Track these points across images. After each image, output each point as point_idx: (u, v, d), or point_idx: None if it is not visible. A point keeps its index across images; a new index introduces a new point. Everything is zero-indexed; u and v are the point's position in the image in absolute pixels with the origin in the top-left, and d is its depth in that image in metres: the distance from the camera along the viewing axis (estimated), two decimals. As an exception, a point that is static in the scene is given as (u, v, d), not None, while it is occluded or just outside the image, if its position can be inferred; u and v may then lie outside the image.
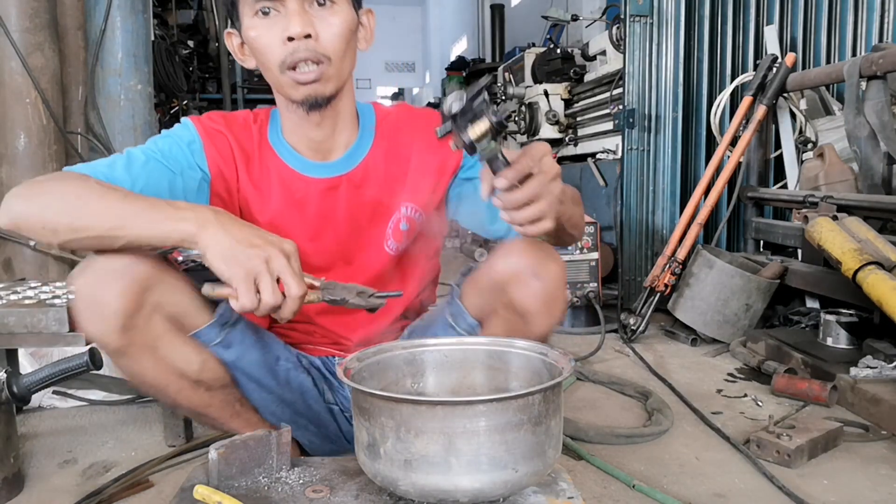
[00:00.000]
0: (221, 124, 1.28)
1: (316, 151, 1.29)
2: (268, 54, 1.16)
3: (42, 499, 1.40)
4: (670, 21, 2.95)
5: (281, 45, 1.14)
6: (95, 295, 1.05)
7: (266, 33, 1.15)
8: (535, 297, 1.13)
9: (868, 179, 2.29)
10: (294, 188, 1.29)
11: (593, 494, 1.36)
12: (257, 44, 1.16)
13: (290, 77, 1.16)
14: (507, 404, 0.85)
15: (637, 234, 3.05)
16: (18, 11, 2.65)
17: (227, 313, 1.18)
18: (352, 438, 0.95)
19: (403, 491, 0.88)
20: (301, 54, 1.14)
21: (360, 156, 1.31)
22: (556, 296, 1.15)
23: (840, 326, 2.13)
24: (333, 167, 1.30)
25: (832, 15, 3.17)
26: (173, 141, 1.24)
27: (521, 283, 1.13)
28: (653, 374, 2.15)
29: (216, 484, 0.97)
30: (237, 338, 1.20)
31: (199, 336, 1.17)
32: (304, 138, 1.28)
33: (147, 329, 1.10)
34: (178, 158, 1.23)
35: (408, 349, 1.10)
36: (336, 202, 1.30)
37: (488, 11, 10.47)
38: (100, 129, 3.16)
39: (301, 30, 1.12)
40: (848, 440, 1.60)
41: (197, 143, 1.25)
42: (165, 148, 1.23)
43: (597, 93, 3.83)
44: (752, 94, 2.78)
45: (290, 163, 1.29)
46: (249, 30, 1.16)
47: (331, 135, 1.27)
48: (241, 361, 1.22)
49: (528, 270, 1.13)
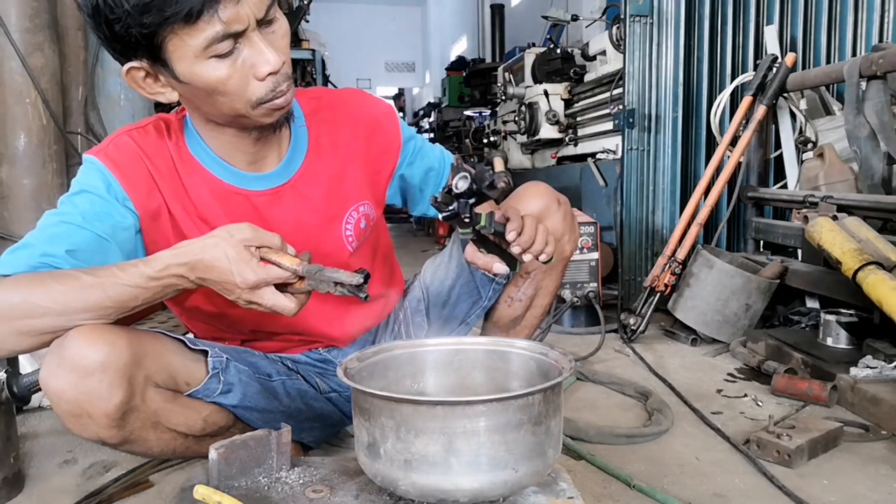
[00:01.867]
0: (131, 149, 1.15)
1: (251, 163, 1.20)
2: (239, 94, 1.03)
3: (42, 499, 1.40)
4: (670, 21, 2.95)
5: (255, 82, 1.02)
6: (83, 397, 0.98)
7: (234, 74, 1.01)
8: (563, 220, 1.36)
9: (868, 179, 2.29)
10: (233, 204, 1.19)
11: (593, 494, 1.36)
12: (224, 87, 1.01)
13: (266, 108, 1.06)
14: (507, 404, 0.85)
15: (637, 234, 3.05)
16: (18, 11, 2.65)
17: (218, 361, 1.16)
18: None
19: (403, 491, 0.88)
20: (282, 86, 1.04)
21: (299, 160, 1.25)
22: (573, 217, 1.41)
23: (840, 326, 2.13)
24: (273, 177, 1.22)
25: (832, 15, 3.17)
26: (90, 196, 1.10)
27: (551, 213, 1.34)
28: (653, 374, 2.15)
29: (216, 484, 0.97)
30: (234, 378, 1.18)
31: (199, 393, 1.15)
32: (239, 152, 1.18)
33: (145, 408, 1.06)
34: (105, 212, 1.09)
35: (408, 349, 1.10)
36: (283, 213, 1.23)
37: (488, 11, 10.46)
38: (100, 129, 3.16)
39: (279, 60, 1.01)
40: (848, 440, 1.60)
41: (114, 185, 1.12)
42: (87, 206, 1.09)
43: (597, 93, 3.83)
44: (752, 94, 2.78)
45: (223, 177, 1.19)
46: (205, 72, 1.00)
47: (265, 144, 1.19)
48: (244, 400, 1.20)
49: (553, 204, 1.35)
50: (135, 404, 1.04)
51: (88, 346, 0.97)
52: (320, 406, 1.38)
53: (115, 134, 1.18)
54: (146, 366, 1.05)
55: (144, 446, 1.11)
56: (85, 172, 1.13)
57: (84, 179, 1.12)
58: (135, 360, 1.02)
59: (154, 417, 1.09)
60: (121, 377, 1.00)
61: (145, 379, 1.05)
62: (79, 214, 1.08)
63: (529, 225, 1.11)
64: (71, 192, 1.12)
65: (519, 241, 1.09)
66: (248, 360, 1.27)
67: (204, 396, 1.16)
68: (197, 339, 1.18)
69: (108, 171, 1.12)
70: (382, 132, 1.33)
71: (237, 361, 1.21)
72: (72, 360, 0.97)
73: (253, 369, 1.25)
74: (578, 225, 1.47)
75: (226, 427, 1.22)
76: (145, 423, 1.08)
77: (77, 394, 0.98)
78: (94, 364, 0.97)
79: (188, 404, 1.15)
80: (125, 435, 1.05)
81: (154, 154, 1.16)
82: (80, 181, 1.13)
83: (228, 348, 1.25)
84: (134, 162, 1.14)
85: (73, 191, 1.12)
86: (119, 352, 1.00)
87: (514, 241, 1.09)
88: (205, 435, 1.18)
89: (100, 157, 1.13)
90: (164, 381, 1.10)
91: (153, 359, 1.07)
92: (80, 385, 0.97)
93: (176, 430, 1.14)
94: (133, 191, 1.13)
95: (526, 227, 1.10)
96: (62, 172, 2.90)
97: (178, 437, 1.15)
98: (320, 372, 1.41)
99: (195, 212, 1.19)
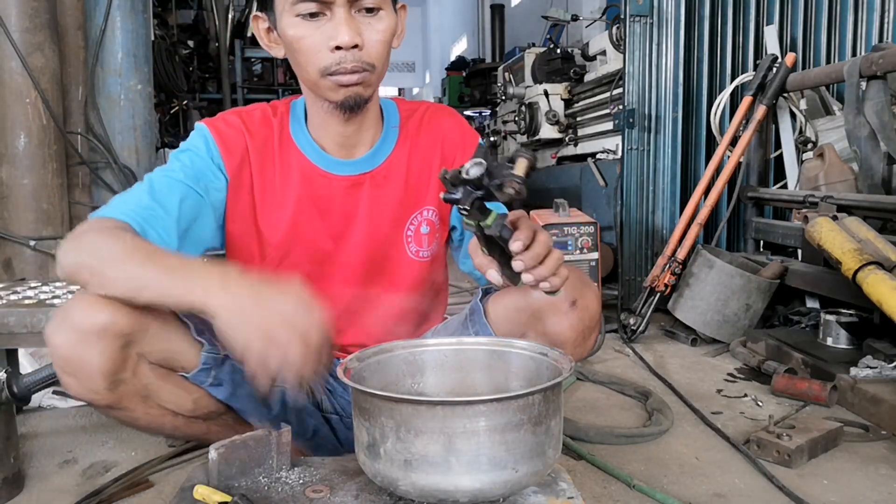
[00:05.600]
0: (236, 123, 1.26)
1: (341, 147, 1.26)
2: (310, 58, 1.12)
3: (42, 499, 1.40)
4: (670, 21, 2.95)
5: (326, 51, 1.10)
6: (76, 357, 1.01)
7: (310, 37, 1.11)
8: (572, 328, 1.12)
9: (868, 179, 2.29)
10: (316, 185, 1.26)
11: (593, 494, 1.36)
12: (298, 45, 1.12)
13: (332, 81, 1.13)
14: (507, 404, 0.85)
15: (637, 234, 3.05)
16: (18, 11, 2.66)
17: (211, 358, 1.15)
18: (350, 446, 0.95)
19: (403, 491, 0.88)
20: (348, 65, 1.11)
21: (385, 154, 1.29)
22: (593, 326, 1.15)
23: (840, 326, 2.13)
24: (357, 164, 1.28)
25: (832, 15, 3.17)
26: (193, 154, 1.22)
27: (559, 312, 1.11)
28: (653, 374, 2.15)
29: (216, 484, 0.97)
30: (226, 376, 1.18)
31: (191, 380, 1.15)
32: (330, 133, 1.25)
33: (134, 381, 1.07)
34: (203, 171, 1.20)
35: (408, 349, 1.10)
36: (358, 201, 1.28)
37: (488, 11, 10.47)
38: (100, 129, 3.16)
39: (350, 40, 1.09)
40: (848, 440, 1.60)
41: (213, 147, 1.23)
42: (188, 163, 1.20)
43: (597, 93, 3.83)
44: (752, 94, 2.78)
45: (313, 159, 1.26)
46: (289, 28, 1.12)
47: (358, 130, 1.25)
48: (234, 398, 1.19)
49: (567, 300, 1.10)
50: (125, 376, 1.05)
51: (93, 309, 1.00)
52: (314, 425, 1.35)
53: (225, 112, 1.30)
54: (145, 341, 1.06)
55: (131, 416, 1.12)
56: (193, 136, 1.25)
57: (190, 141, 1.24)
58: (133, 333, 1.03)
59: (144, 391, 1.10)
60: (114, 347, 1.01)
61: (140, 354, 1.07)
62: (181, 170, 1.18)
63: (541, 243, 0.96)
64: (179, 149, 1.24)
65: (523, 256, 0.95)
66: None
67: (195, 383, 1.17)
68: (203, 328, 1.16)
69: (211, 135, 1.23)
70: (461, 152, 1.34)
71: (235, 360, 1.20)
72: (74, 319, 1.00)
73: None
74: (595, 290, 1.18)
75: (217, 413, 1.21)
76: (134, 395, 1.09)
77: (71, 353, 1.01)
78: (93, 328, 1.00)
79: (180, 384, 1.15)
80: (112, 401, 1.06)
81: (256, 132, 1.26)
82: (187, 143, 1.24)
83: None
84: (236, 134, 1.24)
85: (180, 149, 1.24)
86: (119, 322, 1.01)
87: (517, 252, 0.96)
88: (196, 417, 1.18)
89: (207, 124, 1.25)
90: (160, 360, 1.11)
91: (154, 336, 1.08)
92: (76, 346, 1.00)
93: (165, 406, 1.14)
94: (228, 157, 1.23)
95: (536, 244, 0.96)
96: (62, 172, 2.90)
97: (166, 413, 1.15)
98: (331, 389, 1.38)
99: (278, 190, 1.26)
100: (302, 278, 1.08)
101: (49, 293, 1.67)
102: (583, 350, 1.16)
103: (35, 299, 1.60)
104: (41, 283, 1.84)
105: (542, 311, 1.13)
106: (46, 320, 1.49)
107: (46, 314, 1.50)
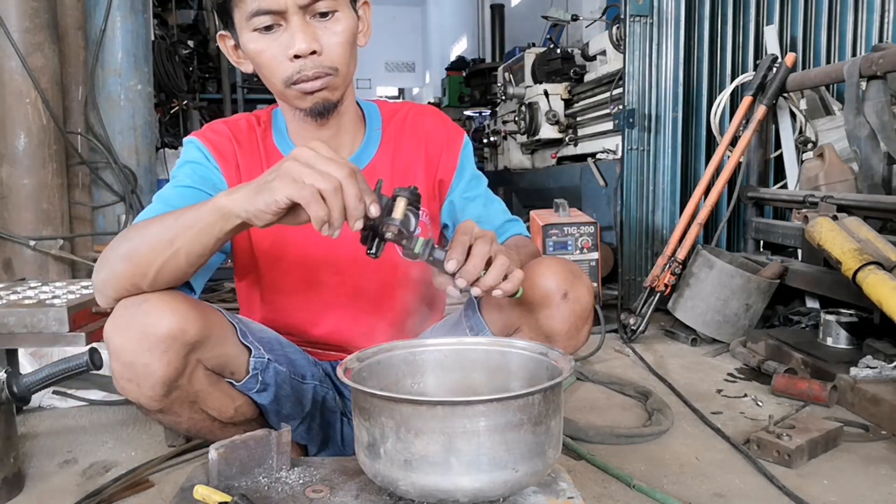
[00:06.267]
0: (225, 132, 1.26)
1: None
2: (272, 69, 1.12)
3: (42, 499, 1.40)
4: (670, 21, 2.95)
5: (286, 61, 1.10)
6: (141, 364, 1.01)
7: (269, 49, 1.11)
8: (564, 320, 1.12)
9: (868, 179, 2.29)
10: None
11: (593, 494, 1.36)
12: (260, 59, 1.13)
13: (296, 89, 1.13)
14: (507, 404, 0.85)
15: (637, 234, 3.05)
16: (18, 11, 2.66)
17: (259, 362, 1.16)
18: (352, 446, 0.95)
19: (403, 491, 0.88)
20: (309, 72, 1.11)
21: (368, 157, 1.29)
22: (585, 318, 1.15)
23: (840, 326, 2.13)
24: None
25: (832, 15, 3.18)
26: (193, 164, 1.23)
27: (552, 305, 1.12)
28: (653, 374, 2.15)
29: (216, 484, 0.97)
30: (270, 379, 1.19)
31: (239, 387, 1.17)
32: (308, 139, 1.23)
33: (188, 387, 1.09)
34: (207, 176, 1.21)
35: (408, 349, 1.10)
36: None
37: (488, 11, 10.46)
38: (100, 129, 3.16)
39: (307, 47, 1.09)
40: (848, 440, 1.60)
41: (209, 155, 1.24)
42: (191, 172, 1.21)
43: (597, 93, 3.83)
44: (752, 94, 2.78)
45: None
46: (249, 43, 1.12)
47: (336, 134, 1.26)
48: (274, 402, 1.21)
49: (559, 292, 1.11)
50: (181, 382, 1.06)
51: (161, 314, 1.00)
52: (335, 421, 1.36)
53: (210, 123, 1.31)
54: (205, 348, 1.07)
55: (175, 420, 1.14)
56: (186, 150, 1.26)
57: (186, 155, 1.25)
58: (198, 341, 1.04)
59: (193, 397, 1.11)
60: (181, 355, 1.02)
61: (198, 361, 1.08)
62: (187, 178, 1.20)
63: (477, 256, 0.94)
64: (176, 167, 1.25)
65: (462, 272, 0.94)
66: (290, 356, 1.27)
67: (243, 390, 1.18)
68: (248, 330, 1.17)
69: (205, 146, 1.24)
70: (446, 151, 1.34)
71: (277, 362, 1.22)
72: (142, 324, 0.99)
73: (290, 368, 1.25)
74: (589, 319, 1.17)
75: (250, 419, 1.23)
76: (184, 400, 1.10)
77: (134, 359, 1.01)
78: (162, 336, 0.99)
79: (226, 391, 1.17)
80: (164, 406, 1.08)
81: (243, 140, 1.27)
82: (183, 158, 1.25)
83: (273, 339, 1.25)
84: (226, 142, 1.26)
85: (178, 165, 1.25)
86: (189, 330, 1.01)
87: (451, 273, 0.94)
88: (230, 423, 1.20)
89: (197, 136, 1.26)
90: (214, 366, 1.12)
91: (213, 343, 1.09)
92: (142, 353, 1.00)
93: (208, 412, 1.16)
94: (224, 164, 1.24)
95: (472, 258, 0.93)
96: (62, 172, 2.90)
97: (206, 419, 1.17)
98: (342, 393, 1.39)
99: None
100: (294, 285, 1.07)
101: (49, 293, 1.67)
102: (576, 342, 1.16)
103: (35, 299, 1.60)
104: (41, 283, 1.84)
105: (534, 304, 1.13)
106: (46, 320, 1.49)
107: (46, 314, 1.50)
